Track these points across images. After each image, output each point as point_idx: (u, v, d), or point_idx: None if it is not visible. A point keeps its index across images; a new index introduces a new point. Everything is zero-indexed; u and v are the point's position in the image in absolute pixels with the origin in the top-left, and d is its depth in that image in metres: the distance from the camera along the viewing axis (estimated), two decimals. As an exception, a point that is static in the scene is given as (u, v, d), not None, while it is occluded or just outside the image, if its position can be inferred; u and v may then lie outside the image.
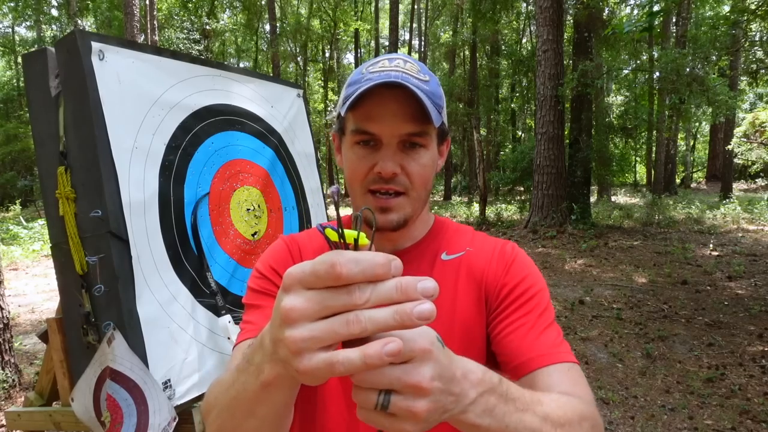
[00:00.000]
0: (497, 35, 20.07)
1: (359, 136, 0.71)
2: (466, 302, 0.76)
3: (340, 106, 0.73)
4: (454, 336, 0.74)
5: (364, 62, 0.77)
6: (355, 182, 0.73)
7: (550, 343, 0.71)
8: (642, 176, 27.42)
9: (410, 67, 0.71)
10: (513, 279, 0.76)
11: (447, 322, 0.74)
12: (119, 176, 1.38)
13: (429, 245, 0.81)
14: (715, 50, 9.99)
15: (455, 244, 0.82)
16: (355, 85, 0.70)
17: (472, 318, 0.76)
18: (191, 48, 17.29)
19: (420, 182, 0.72)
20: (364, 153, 0.71)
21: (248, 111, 1.92)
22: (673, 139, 19.78)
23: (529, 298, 0.74)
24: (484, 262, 0.79)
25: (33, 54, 1.43)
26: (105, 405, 1.35)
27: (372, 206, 0.70)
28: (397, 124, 0.69)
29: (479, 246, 0.81)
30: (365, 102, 0.68)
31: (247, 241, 1.81)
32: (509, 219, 11.88)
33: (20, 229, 10.38)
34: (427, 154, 0.72)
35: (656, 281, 6.07)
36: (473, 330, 0.76)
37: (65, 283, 1.43)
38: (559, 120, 9.50)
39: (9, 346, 3.42)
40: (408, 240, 0.80)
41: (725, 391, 3.28)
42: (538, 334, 0.71)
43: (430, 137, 0.72)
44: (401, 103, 0.68)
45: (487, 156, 20.22)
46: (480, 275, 0.78)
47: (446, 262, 0.80)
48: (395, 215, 0.71)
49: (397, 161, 0.70)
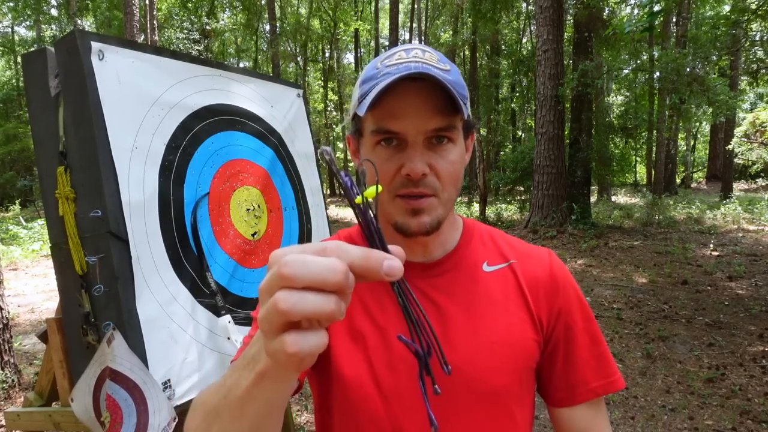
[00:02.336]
0: (497, 35, 20.06)
1: (381, 136, 0.64)
2: (519, 318, 0.72)
3: (355, 106, 0.67)
4: (507, 356, 0.69)
5: (376, 56, 0.70)
6: (382, 188, 0.70)
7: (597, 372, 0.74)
8: (642, 176, 27.42)
9: (429, 57, 0.65)
10: (566, 302, 0.75)
11: (499, 341, 0.69)
12: (119, 176, 1.38)
13: (464, 254, 0.75)
14: (716, 50, 9.99)
15: (493, 252, 0.77)
16: (371, 81, 0.64)
17: (529, 337, 0.72)
18: (191, 48, 17.28)
19: (450, 181, 0.66)
20: (388, 154, 0.65)
21: (248, 111, 1.91)
22: (674, 139, 19.78)
23: (585, 322, 0.75)
24: (532, 277, 0.75)
25: (32, 54, 1.43)
26: (105, 405, 1.35)
27: (402, 210, 0.66)
28: (423, 119, 0.62)
29: (522, 256, 0.77)
30: (385, 98, 0.61)
31: (247, 241, 1.81)
32: (509, 219, 11.88)
33: (20, 229, 10.38)
34: (456, 150, 0.66)
35: (656, 281, 6.07)
36: (529, 349, 0.72)
37: (65, 283, 1.43)
38: (559, 120, 9.49)
39: (8, 346, 3.41)
40: (439, 247, 0.74)
41: (726, 392, 3.28)
42: (587, 360, 0.74)
43: (457, 131, 0.66)
44: (425, 97, 0.62)
45: (487, 156, 20.21)
46: (531, 291, 0.74)
47: (490, 274, 0.74)
48: (428, 217, 0.65)
49: (425, 160, 0.64)
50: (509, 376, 0.69)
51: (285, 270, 0.33)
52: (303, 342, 0.34)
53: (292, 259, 0.33)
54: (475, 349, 0.68)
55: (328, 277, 0.33)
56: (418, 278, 0.72)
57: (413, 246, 0.72)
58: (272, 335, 0.35)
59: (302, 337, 0.34)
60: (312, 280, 0.33)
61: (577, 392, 0.73)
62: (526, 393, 0.72)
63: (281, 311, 0.32)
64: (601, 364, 0.74)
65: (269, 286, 0.34)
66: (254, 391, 0.44)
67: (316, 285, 0.33)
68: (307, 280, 0.33)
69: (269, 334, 0.35)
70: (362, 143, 0.69)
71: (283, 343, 0.34)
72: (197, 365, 1.53)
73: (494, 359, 0.68)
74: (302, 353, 0.34)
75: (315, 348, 0.34)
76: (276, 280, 0.34)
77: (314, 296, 0.33)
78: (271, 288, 0.34)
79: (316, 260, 0.33)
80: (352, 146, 0.73)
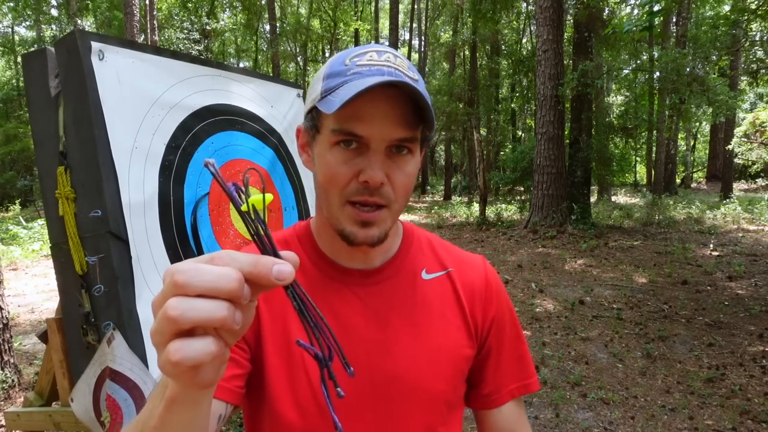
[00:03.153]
0: (497, 35, 20.07)
1: (342, 137, 0.61)
2: (455, 326, 0.73)
3: (315, 99, 0.63)
4: (444, 363, 0.71)
5: (343, 51, 0.66)
6: (333, 190, 0.63)
7: (516, 375, 0.78)
8: (642, 176, 27.42)
9: (401, 63, 0.63)
10: (498, 309, 0.78)
11: (437, 348, 0.70)
12: (119, 176, 1.38)
13: (404, 261, 0.75)
14: (716, 50, 10.00)
15: (432, 259, 0.77)
16: (338, 78, 0.61)
17: (464, 345, 0.73)
18: (191, 48, 17.28)
19: (403, 193, 0.65)
20: (345, 157, 0.62)
21: (248, 111, 1.91)
22: (673, 139, 19.78)
23: (512, 327, 0.79)
24: (468, 285, 0.76)
25: (33, 54, 1.43)
26: (104, 405, 1.35)
27: (351, 219, 0.63)
28: (389, 127, 0.60)
29: (457, 264, 0.78)
30: (352, 99, 0.58)
31: (247, 241, 1.81)
32: (509, 219, 11.87)
33: (20, 229, 10.37)
34: (413, 162, 0.65)
35: (656, 281, 6.07)
36: (464, 356, 0.73)
37: (65, 283, 1.43)
38: (559, 120, 9.49)
39: (9, 346, 3.41)
40: (380, 255, 0.73)
41: (725, 392, 3.28)
42: (510, 363, 0.78)
43: (417, 143, 0.65)
44: (394, 104, 0.60)
45: (487, 156, 20.21)
46: (467, 299, 0.75)
47: (428, 281, 0.75)
48: (376, 230, 0.64)
49: (384, 169, 0.61)
50: (447, 382, 0.71)
51: (178, 277, 0.32)
52: (187, 348, 0.32)
53: (186, 267, 0.33)
54: (415, 356, 0.69)
55: (222, 284, 0.32)
56: (358, 286, 0.72)
57: (355, 253, 0.71)
58: (162, 346, 0.33)
59: (186, 343, 0.32)
60: (205, 288, 0.32)
61: (499, 395, 0.76)
62: (458, 399, 0.75)
63: (171, 318, 0.32)
64: (521, 366, 0.79)
65: (162, 297, 0.33)
66: (166, 418, 0.42)
67: (210, 292, 0.32)
68: (201, 288, 0.32)
69: (160, 347, 0.33)
70: (317, 140, 0.65)
71: (167, 353, 0.32)
72: (197, 365, 1.53)
73: (432, 366, 0.70)
74: (186, 361, 0.32)
75: (201, 355, 0.32)
76: (169, 289, 0.33)
77: (205, 302, 0.32)
78: (164, 298, 0.33)
79: (212, 268, 0.33)
80: (302, 139, 0.70)
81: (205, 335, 0.33)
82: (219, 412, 0.62)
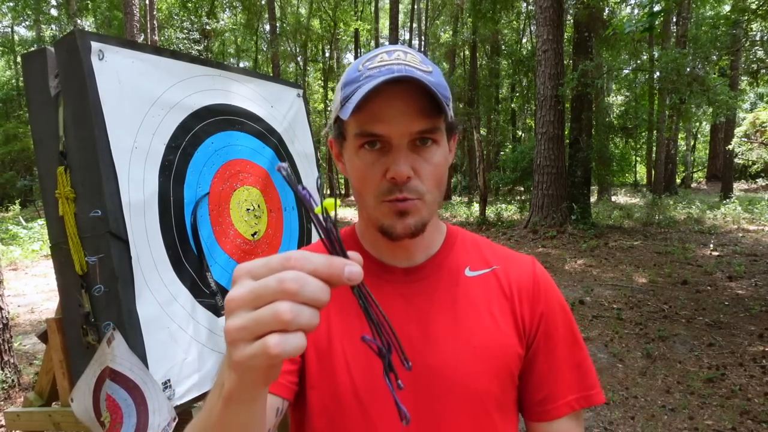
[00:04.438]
0: (497, 35, 20.08)
1: (364, 139, 0.64)
2: (501, 323, 0.71)
3: (337, 109, 0.66)
4: (489, 360, 0.69)
5: (357, 58, 0.69)
6: (368, 192, 0.66)
7: (575, 384, 0.73)
8: (642, 176, 27.42)
9: (411, 59, 0.65)
10: (547, 306, 0.74)
11: (481, 344, 0.69)
12: (119, 176, 1.38)
13: (446, 258, 0.75)
14: (716, 50, 9.99)
15: (476, 257, 0.76)
16: (354, 84, 0.64)
17: (512, 343, 0.71)
18: (191, 48, 17.28)
19: (434, 183, 0.66)
20: (372, 158, 0.64)
21: (248, 111, 1.91)
22: (674, 139, 19.78)
23: (566, 330, 0.75)
24: (515, 282, 0.74)
25: (32, 54, 1.43)
26: (105, 405, 1.35)
27: (388, 212, 0.65)
28: (407, 122, 0.62)
29: (504, 262, 0.77)
30: (368, 102, 0.60)
31: (247, 241, 1.81)
32: (509, 219, 11.88)
33: (20, 229, 10.38)
34: (440, 151, 0.66)
35: (656, 281, 6.07)
36: (511, 354, 0.71)
37: (65, 283, 1.43)
38: (559, 120, 9.50)
39: (8, 346, 3.41)
40: (422, 251, 0.74)
41: (726, 392, 3.28)
42: (566, 370, 0.74)
43: (441, 132, 0.66)
44: (408, 99, 0.62)
45: (487, 156, 20.22)
46: (514, 296, 0.73)
47: (472, 279, 0.74)
48: (412, 219, 0.65)
49: (410, 163, 0.63)
50: (490, 380, 0.69)
51: (290, 285, 0.35)
52: (285, 343, 0.35)
53: (294, 276, 0.36)
54: (457, 352, 0.69)
55: (322, 297, 0.36)
56: (401, 283, 0.72)
57: (397, 250, 0.73)
58: (249, 341, 0.36)
59: (284, 338, 0.35)
60: (311, 299, 0.36)
61: (555, 405, 0.72)
62: (508, 401, 0.72)
63: (284, 321, 0.35)
64: (581, 375, 0.74)
65: (252, 296, 0.36)
66: (225, 417, 0.45)
67: (313, 303, 0.36)
68: (308, 298, 0.36)
69: (248, 339, 0.36)
70: (345, 147, 0.69)
71: (265, 345, 0.35)
72: (197, 365, 1.53)
73: (476, 363, 0.68)
74: (284, 354, 0.35)
75: (296, 349, 0.36)
76: (277, 293, 0.36)
77: (309, 309, 0.36)
78: (263, 298, 0.36)
79: (315, 282, 0.36)
80: (335, 150, 0.73)
81: (297, 332, 0.36)
82: (276, 406, 0.66)
